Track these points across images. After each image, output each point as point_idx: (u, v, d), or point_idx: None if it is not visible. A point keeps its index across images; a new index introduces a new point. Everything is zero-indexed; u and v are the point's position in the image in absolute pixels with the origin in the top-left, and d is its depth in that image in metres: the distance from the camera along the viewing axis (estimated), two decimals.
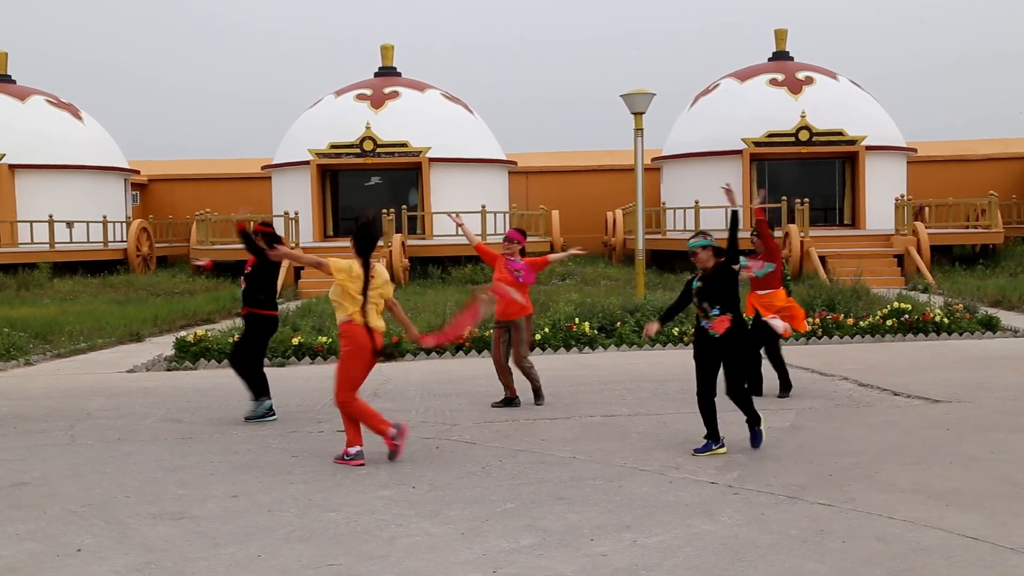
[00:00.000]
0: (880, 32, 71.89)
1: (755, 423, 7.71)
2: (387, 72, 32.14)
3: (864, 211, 29.05)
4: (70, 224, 28.62)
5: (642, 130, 18.11)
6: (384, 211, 26.55)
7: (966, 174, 35.20)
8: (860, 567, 5.06)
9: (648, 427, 8.57)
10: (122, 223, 30.94)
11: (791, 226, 25.08)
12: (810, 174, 30.35)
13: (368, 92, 30.76)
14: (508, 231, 9.91)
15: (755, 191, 28.92)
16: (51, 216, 27.85)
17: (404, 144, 29.36)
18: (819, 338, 14.44)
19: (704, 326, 7.58)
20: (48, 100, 31.80)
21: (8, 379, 12.25)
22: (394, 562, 5.26)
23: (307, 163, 29.54)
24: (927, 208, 30.27)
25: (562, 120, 64.58)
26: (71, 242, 28.61)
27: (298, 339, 13.43)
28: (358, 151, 29.37)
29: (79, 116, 32.27)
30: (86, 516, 6.18)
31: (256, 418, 9.20)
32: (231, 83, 72.40)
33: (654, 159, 31.76)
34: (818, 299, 16.16)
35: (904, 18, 71.10)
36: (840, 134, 28.86)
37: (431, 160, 29.39)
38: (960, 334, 14.77)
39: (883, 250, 25.39)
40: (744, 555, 5.26)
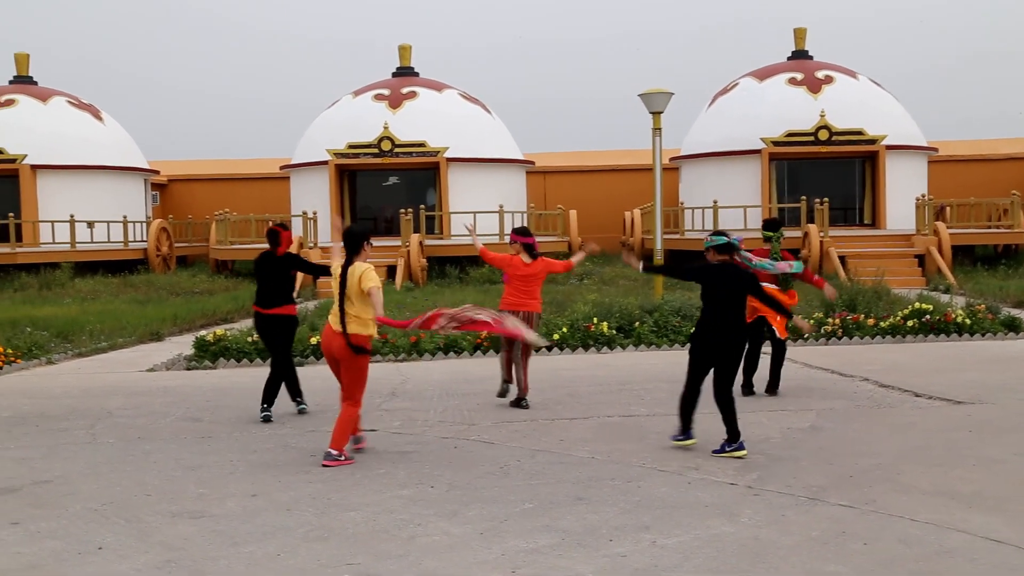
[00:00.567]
0: (900, 29, 71.53)
1: (733, 438, 7.54)
2: (405, 72, 32.15)
3: (884, 211, 28.84)
4: (91, 224, 28.78)
5: (660, 130, 18.06)
6: (402, 211, 26.62)
7: (988, 173, 34.93)
8: (882, 569, 5.03)
9: (667, 427, 8.53)
10: (142, 223, 31.13)
11: (811, 226, 24.95)
12: (830, 174, 30.16)
13: (386, 92, 30.78)
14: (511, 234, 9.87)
15: (774, 191, 28.84)
16: (72, 216, 28.04)
17: (422, 144, 29.38)
18: (839, 338, 14.36)
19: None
20: (69, 101, 31.99)
21: (30, 378, 12.33)
22: (413, 562, 5.26)
23: (325, 163, 29.59)
24: (948, 208, 30.05)
25: (580, 120, 64.59)
26: (92, 242, 28.78)
27: (316, 338, 13.45)
28: (376, 151, 29.41)
29: (100, 117, 32.46)
30: (107, 514, 6.21)
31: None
32: (250, 84, 72.83)
33: (672, 159, 31.66)
34: (838, 299, 16.05)
35: (925, 15, 70.70)
36: (860, 133, 28.69)
37: (449, 160, 29.40)
38: (982, 335, 14.65)
39: (904, 250, 25.21)
40: (764, 557, 5.23)
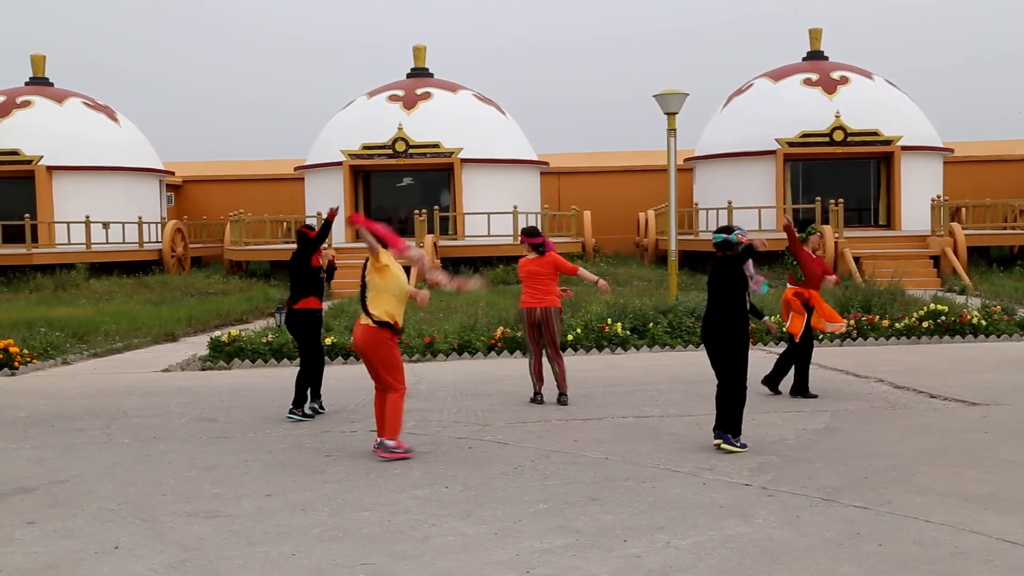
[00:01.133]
0: (916, 29, 71.18)
1: (724, 431, 7.62)
2: (419, 73, 32.21)
3: (899, 212, 28.74)
4: (106, 225, 28.94)
5: (675, 130, 18.02)
6: (416, 212, 26.66)
7: (1004, 174, 34.76)
8: (897, 570, 5.01)
9: (681, 428, 8.53)
10: (157, 224, 31.26)
11: (825, 227, 24.87)
12: (845, 174, 30.06)
13: (400, 93, 30.84)
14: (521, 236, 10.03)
15: (789, 192, 28.74)
16: (88, 217, 28.19)
17: (436, 145, 29.42)
18: (854, 339, 14.32)
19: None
20: (85, 102, 32.17)
21: (46, 378, 12.41)
22: (427, 562, 5.27)
23: (340, 164, 29.67)
24: (964, 209, 29.89)
25: (594, 121, 64.47)
26: (107, 243, 28.93)
27: (331, 339, 13.49)
28: (390, 152, 29.47)
29: (115, 118, 32.62)
30: (122, 514, 6.25)
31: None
32: (264, 85, 73.01)
33: (687, 159, 31.61)
34: (853, 300, 16.02)
35: (941, 14, 70.35)
36: (875, 134, 28.59)
37: (463, 161, 29.44)
38: (998, 336, 14.58)
39: (919, 251, 25.12)
40: (779, 557, 5.22)
